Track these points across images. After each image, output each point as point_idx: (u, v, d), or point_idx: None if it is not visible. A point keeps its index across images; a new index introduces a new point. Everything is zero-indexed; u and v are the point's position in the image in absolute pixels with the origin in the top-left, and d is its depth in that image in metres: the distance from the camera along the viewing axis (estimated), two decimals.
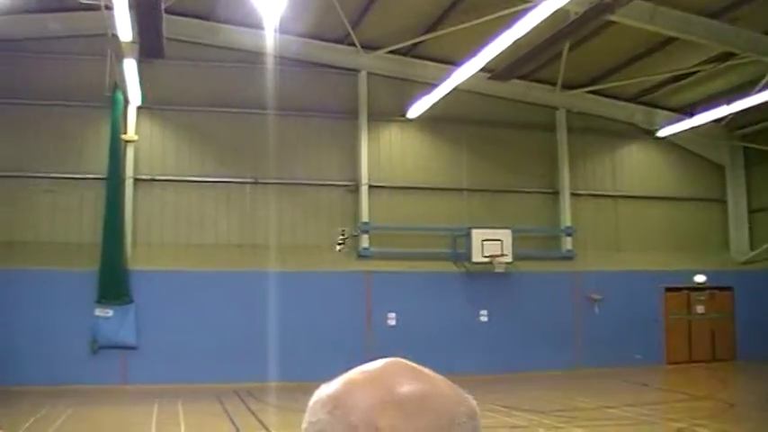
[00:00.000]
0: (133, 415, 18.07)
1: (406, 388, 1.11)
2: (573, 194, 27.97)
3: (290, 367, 22.56)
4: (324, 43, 25.58)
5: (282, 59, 24.01)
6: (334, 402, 1.12)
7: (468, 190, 27.00)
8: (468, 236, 25.52)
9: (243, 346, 22.85)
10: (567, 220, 27.78)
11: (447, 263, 25.90)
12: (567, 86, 26.88)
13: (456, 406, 1.13)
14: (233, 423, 16.29)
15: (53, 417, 16.90)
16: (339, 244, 24.20)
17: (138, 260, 23.90)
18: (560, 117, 28.11)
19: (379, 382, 1.13)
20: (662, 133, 28.44)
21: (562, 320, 26.24)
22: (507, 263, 25.60)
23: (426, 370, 1.18)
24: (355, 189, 25.92)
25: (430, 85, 24.54)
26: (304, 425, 1.16)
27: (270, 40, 22.38)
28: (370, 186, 25.88)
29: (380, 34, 24.75)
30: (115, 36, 20.30)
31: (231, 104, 25.19)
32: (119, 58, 21.76)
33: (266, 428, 15.38)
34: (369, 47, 25.37)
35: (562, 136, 28.05)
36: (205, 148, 25.33)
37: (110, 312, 23.12)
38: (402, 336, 24.08)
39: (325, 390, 1.17)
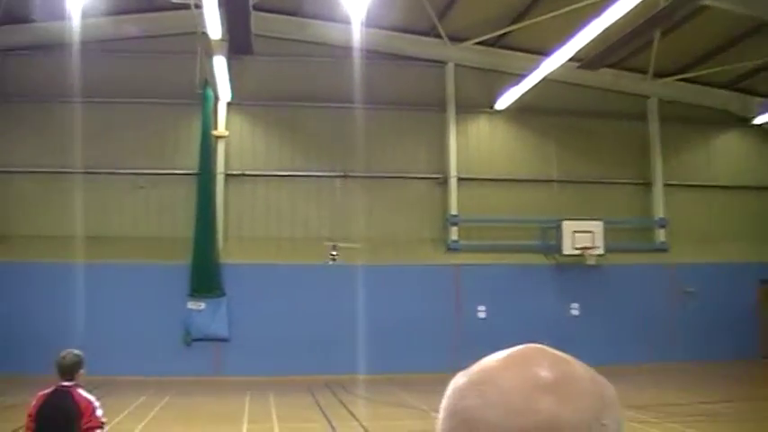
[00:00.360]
0: (226, 406, 18.26)
1: (556, 371, 1.08)
2: (666, 185, 27.25)
3: (380, 360, 22.75)
4: (410, 36, 25.52)
5: (369, 53, 24.05)
6: (485, 387, 1.08)
7: (557, 181, 26.60)
8: (559, 228, 25.16)
9: (333, 339, 23.01)
10: (659, 211, 27.12)
11: (537, 255, 25.59)
12: (659, 74, 26.22)
13: (604, 389, 1.10)
14: (324, 415, 16.35)
15: (150, 405, 17.38)
16: (331, 259, 24.08)
17: (229, 254, 24.32)
18: (652, 106, 27.44)
19: (528, 366, 1.09)
20: (758, 120, 27.45)
21: (654, 313, 25.62)
22: (599, 255, 25.13)
23: (565, 355, 1.15)
24: (444, 182, 25.79)
25: (518, 76, 24.26)
26: (442, 414, 1.13)
27: (357, 34, 22.44)
28: (459, 179, 25.71)
29: (467, 25, 24.56)
30: (205, 34, 20.62)
31: (319, 99, 25.34)
32: (209, 56, 22.12)
33: (357, 420, 15.37)
34: (456, 38, 25.21)
35: (654, 125, 27.37)
36: (294, 143, 25.58)
37: (202, 305, 23.57)
38: (492, 329, 23.85)
39: (468, 376, 1.13)
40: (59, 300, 22.52)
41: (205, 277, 23.63)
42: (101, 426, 6.25)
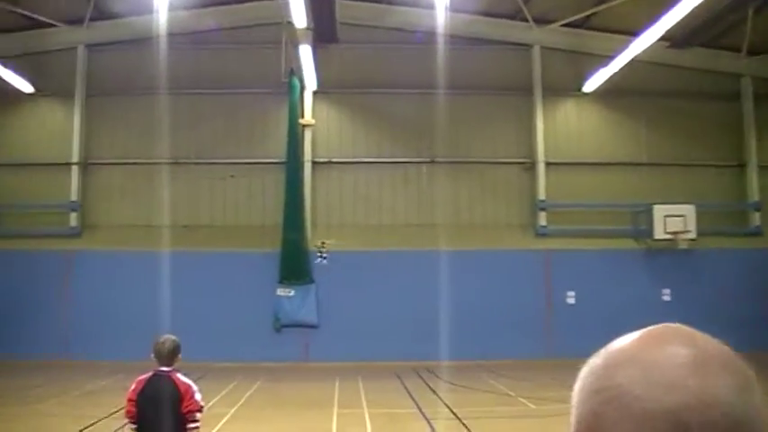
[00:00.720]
0: (316, 390, 18.44)
1: (698, 349, 1.05)
2: (761, 167, 26.34)
3: (468, 345, 22.69)
4: (495, 20, 25.29)
5: (454, 38, 23.90)
6: (631, 365, 1.05)
7: (647, 164, 25.93)
8: (649, 212, 24.62)
9: (421, 325, 22.92)
10: (754, 194, 26.22)
11: (627, 240, 25.11)
12: (753, 52, 25.28)
13: (746, 368, 1.08)
14: (413, 400, 16.33)
15: (241, 390, 17.71)
16: (320, 256, 23.88)
17: (317, 241, 24.55)
18: (746, 85, 26.50)
19: (670, 344, 1.06)
20: None
21: (749, 299, 24.82)
22: (691, 239, 24.50)
23: (702, 333, 1.12)
24: (531, 166, 25.48)
25: (606, 58, 23.72)
26: (581, 395, 1.09)
27: (441, 19, 22.33)
28: (547, 163, 25.36)
29: (553, 7, 24.23)
30: (290, 23, 20.77)
31: (405, 85, 25.32)
32: (294, 45, 22.24)
33: (447, 406, 15.21)
34: (541, 21, 24.89)
35: (748, 105, 26.43)
36: (380, 130, 25.63)
37: (291, 292, 23.87)
38: (582, 314, 23.64)
39: (606, 357, 1.10)
40: (151, 288, 22.81)
41: (294, 264, 23.91)
42: (200, 409, 6.38)
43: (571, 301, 24.47)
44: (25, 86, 25.24)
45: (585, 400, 1.08)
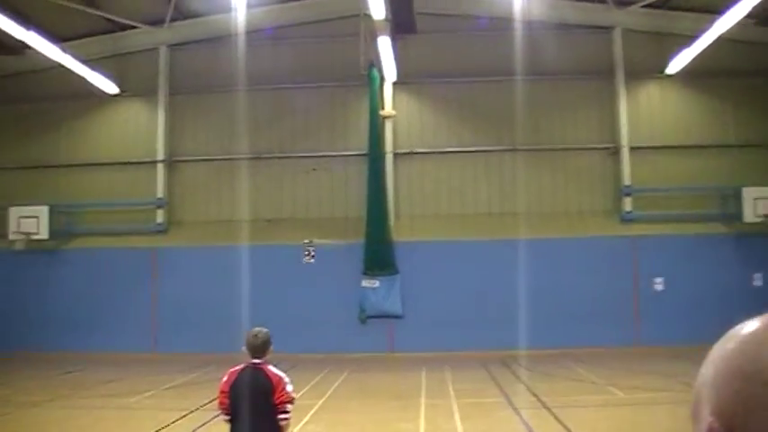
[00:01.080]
0: (402, 381, 18.51)
1: None
2: None
3: (554, 334, 22.59)
4: (574, 2, 24.97)
5: (532, 23, 23.67)
6: None
7: (735, 146, 25.08)
8: (739, 194, 23.96)
9: (506, 314, 22.62)
10: None
11: (715, 224, 24.43)
12: None
13: None
14: (501, 389, 16.25)
15: (329, 381, 17.92)
16: (306, 255, 23.53)
17: (401, 232, 24.57)
18: None
19: None
20: None
21: None
22: None
23: None
24: (615, 151, 25.00)
25: (689, 38, 23.05)
26: (724, 377, 1.08)
27: (518, 4, 22.09)
28: (631, 148, 24.82)
29: None
30: (368, 15, 20.76)
31: (484, 73, 25.13)
32: (373, 37, 22.21)
33: (535, 395, 15.14)
34: (622, 2, 24.47)
35: None
36: (461, 119, 25.48)
37: (376, 283, 23.93)
38: (670, 301, 23.24)
39: (743, 342, 1.09)
40: (236, 282, 23.09)
41: (378, 256, 23.97)
42: (291, 400, 6.44)
43: (659, 287, 23.96)
44: (110, 87, 25.85)
45: (731, 382, 1.07)
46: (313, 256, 23.80)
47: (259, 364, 6.50)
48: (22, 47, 24.19)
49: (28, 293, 25.51)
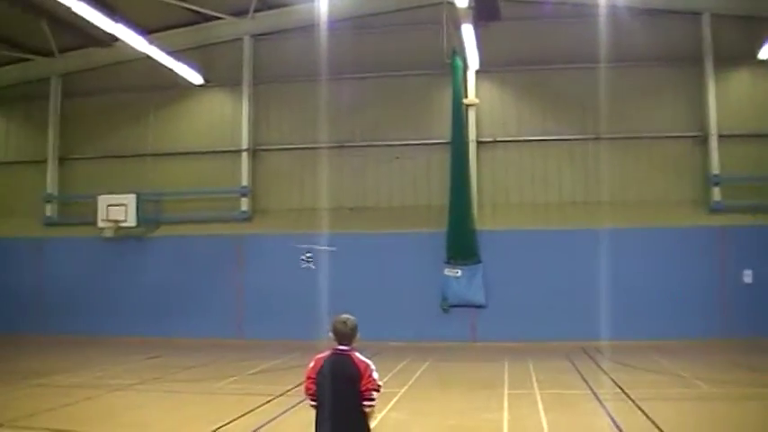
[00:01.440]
0: (484, 370, 18.39)
1: None
2: None
3: (638, 325, 22.14)
4: None
5: (616, 8, 23.26)
6: None
7: None
8: None
9: (588, 304, 22.22)
10: None
11: None
12: None
13: None
14: (585, 381, 15.97)
15: (411, 370, 17.81)
16: (304, 260, 23.05)
17: (483, 220, 24.41)
18: None
19: None
20: None
21: None
22: None
23: None
24: (703, 139, 24.33)
25: None
26: None
27: None
28: (720, 136, 24.08)
29: None
30: (451, 3, 20.69)
31: (567, 60, 24.73)
32: (456, 25, 22.09)
33: (619, 387, 14.81)
34: None
35: None
36: (544, 107, 25.17)
37: (459, 272, 23.82)
38: (759, 294, 22.56)
39: None
40: (318, 269, 23.64)
41: (461, 244, 23.82)
42: (377, 388, 6.40)
43: (748, 279, 23.29)
44: (195, 78, 26.26)
45: None
46: (312, 263, 23.61)
47: (346, 350, 6.48)
48: (110, 39, 24.72)
49: (115, 280, 26.14)
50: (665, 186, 24.47)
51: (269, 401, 13.50)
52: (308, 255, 23.19)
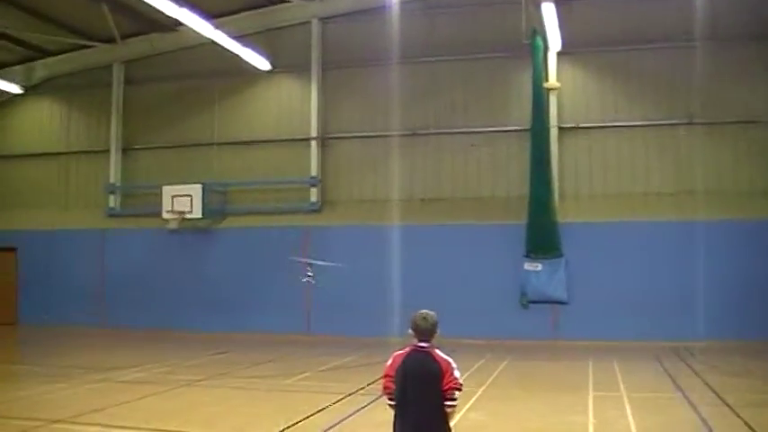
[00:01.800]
0: (567, 370, 17.70)
1: None
2: None
3: (733, 325, 20.82)
4: None
5: None
6: None
7: None
8: None
9: (679, 302, 21.16)
10: None
11: None
12: None
13: None
14: (675, 384, 15.05)
15: (489, 368, 17.25)
16: (308, 277, 21.83)
17: (565, 212, 23.26)
18: None
19: None
20: None
21: None
22: None
23: None
24: None
25: None
26: None
27: None
28: None
29: None
30: None
31: (656, 39, 23.23)
32: (536, 4, 20.95)
33: (714, 391, 13.84)
34: None
35: None
36: (631, 90, 23.75)
37: (539, 267, 22.85)
38: None
39: None
40: (390, 263, 22.89)
41: (542, 237, 22.83)
42: (459, 387, 6.02)
43: None
44: (262, 63, 25.88)
45: None
46: (312, 277, 22.59)
47: (426, 347, 6.10)
48: (174, 24, 24.72)
49: (179, 273, 26.03)
50: (763, 175, 22.82)
51: (341, 399, 13.22)
52: (309, 272, 22.28)
